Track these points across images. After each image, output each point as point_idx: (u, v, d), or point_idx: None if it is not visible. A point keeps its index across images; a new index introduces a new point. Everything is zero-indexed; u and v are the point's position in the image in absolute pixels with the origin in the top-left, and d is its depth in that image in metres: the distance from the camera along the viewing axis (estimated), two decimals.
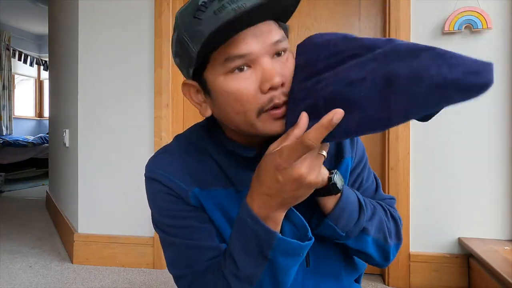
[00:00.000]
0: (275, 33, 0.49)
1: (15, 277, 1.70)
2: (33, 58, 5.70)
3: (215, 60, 0.49)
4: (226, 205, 0.59)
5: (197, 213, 0.59)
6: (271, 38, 0.49)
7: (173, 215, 0.59)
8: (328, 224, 0.55)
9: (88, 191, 1.87)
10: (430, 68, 0.38)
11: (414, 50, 0.41)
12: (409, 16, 1.56)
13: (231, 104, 0.50)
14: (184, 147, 0.62)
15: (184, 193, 0.58)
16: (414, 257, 1.57)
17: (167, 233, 0.60)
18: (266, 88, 0.48)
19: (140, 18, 1.79)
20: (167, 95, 1.75)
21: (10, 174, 4.50)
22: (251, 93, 0.48)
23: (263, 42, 0.48)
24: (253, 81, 0.48)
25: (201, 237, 0.58)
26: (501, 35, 1.50)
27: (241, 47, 0.47)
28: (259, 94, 0.48)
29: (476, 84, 0.36)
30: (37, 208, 3.14)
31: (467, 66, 0.37)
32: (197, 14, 0.48)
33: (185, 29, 0.49)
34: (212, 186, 0.59)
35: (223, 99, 0.50)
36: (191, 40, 0.49)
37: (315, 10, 1.72)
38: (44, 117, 6.17)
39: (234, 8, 0.46)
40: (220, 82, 0.49)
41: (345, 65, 0.46)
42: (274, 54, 0.50)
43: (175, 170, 0.59)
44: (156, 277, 1.70)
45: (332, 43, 0.50)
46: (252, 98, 0.48)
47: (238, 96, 0.49)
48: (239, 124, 0.52)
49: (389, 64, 0.41)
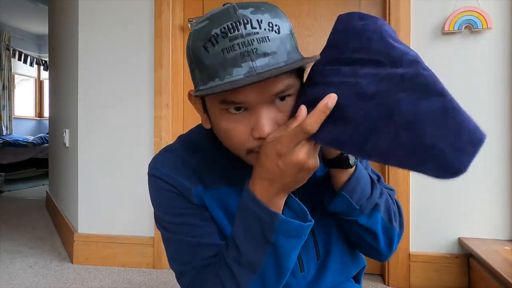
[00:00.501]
0: (280, 84, 0.48)
1: (15, 277, 1.70)
2: (33, 58, 5.70)
3: (214, 97, 0.50)
4: (229, 204, 0.60)
5: (199, 211, 0.59)
6: (272, 91, 0.47)
7: (175, 212, 0.60)
8: (343, 196, 0.56)
9: (88, 191, 1.87)
10: (425, 125, 0.37)
11: (428, 89, 0.39)
12: (409, 16, 1.56)
13: (223, 137, 0.53)
14: (187, 146, 0.63)
15: (187, 191, 0.58)
16: (414, 257, 1.57)
17: (169, 230, 0.61)
18: (255, 136, 0.49)
19: (140, 18, 1.79)
20: (167, 95, 1.75)
21: (10, 174, 4.50)
22: (242, 136, 0.50)
23: (261, 94, 0.47)
24: (246, 124, 0.49)
25: (203, 234, 0.59)
26: (501, 35, 1.50)
27: (238, 96, 0.47)
28: (250, 137, 0.50)
29: (454, 168, 0.36)
30: (37, 208, 3.14)
31: (466, 135, 0.36)
32: (206, 45, 0.47)
33: (193, 52, 0.49)
34: (216, 184, 0.60)
35: (217, 129, 0.53)
36: (197, 66, 0.50)
37: (315, 10, 1.72)
38: (44, 117, 6.17)
39: (242, 52, 0.45)
40: (216, 114, 0.51)
41: (365, 70, 0.46)
42: (274, 101, 0.49)
43: (179, 168, 0.60)
44: (156, 277, 1.70)
45: (366, 36, 0.49)
46: (242, 140, 0.50)
47: (229, 135, 0.51)
48: (231, 150, 0.55)
49: (399, 93, 0.41)
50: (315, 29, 1.72)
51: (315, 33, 1.73)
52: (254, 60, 0.45)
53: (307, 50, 1.73)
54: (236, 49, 0.45)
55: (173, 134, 1.76)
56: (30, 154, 4.75)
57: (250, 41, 0.45)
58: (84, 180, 1.87)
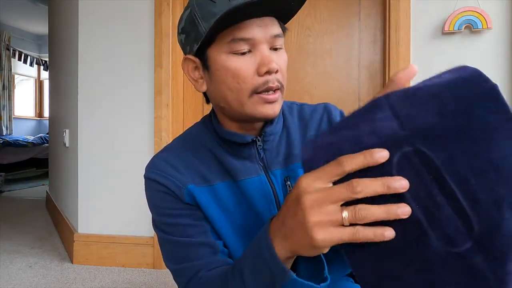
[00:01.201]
0: (276, 28, 0.55)
1: (15, 277, 1.70)
2: (33, 58, 5.70)
3: (221, 39, 0.54)
4: (224, 198, 0.61)
5: (192, 211, 0.60)
6: (272, 31, 0.54)
7: (168, 213, 0.61)
8: None
9: (88, 191, 1.87)
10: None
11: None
12: (409, 16, 1.56)
13: (228, 80, 0.54)
14: (182, 145, 0.65)
15: (179, 190, 0.59)
16: None
17: (164, 231, 0.62)
18: (263, 71, 0.53)
19: (140, 18, 1.79)
20: (167, 95, 1.75)
21: (10, 174, 4.50)
22: (249, 73, 0.53)
23: (265, 32, 0.53)
24: (252, 63, 0.54)
25: (196, 234, 0.60)
26: (501, 35, 1.50)
27: (246, 31, 0.52)
28: (256, 76, 0.53)
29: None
30: (37, 208, 3.14)
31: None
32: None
33: (199, 8, 0.54)
34: (210, 181, 0.61)
35: (221, 75, 0.55)
36: (202, 19, 0.53)
37: (315, 10, 1.72)
38: (44, 117, 6.17)
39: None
40: (222, 59, 0.54)
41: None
42: (271, 46, 0.55)
43: (171, 168, 0.61)
44: (156, 277, 1.70)
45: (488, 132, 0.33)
46: (248, 78, 0.53)
47: (236, 74, 0.54)
48: (230, 101, 0.56)
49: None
50: (315, 29, 1.72)
51: (315, 33, 1.73)
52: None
53: (307, 50, 1.73)
54: None
55: (173, 134, 1.76)
56: (30, 154, 4.75)
57: None
58: (84, 180, 1.87)
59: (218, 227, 0.61)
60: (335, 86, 1.72)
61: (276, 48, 0.56)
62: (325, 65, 1.73)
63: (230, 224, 0.61)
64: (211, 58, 0.56)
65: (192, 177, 0.60)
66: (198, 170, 0.61)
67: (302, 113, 0.69)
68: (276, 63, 0.53)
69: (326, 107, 0.69)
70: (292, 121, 0.67)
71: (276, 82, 0.54)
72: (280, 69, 0.55)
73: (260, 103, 0.54)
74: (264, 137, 0.61)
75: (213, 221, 0.60)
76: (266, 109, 0.55)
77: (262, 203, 0.61)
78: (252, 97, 0.54)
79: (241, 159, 0.61)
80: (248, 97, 0.54)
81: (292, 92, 1.74)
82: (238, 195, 0.61)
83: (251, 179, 0.61)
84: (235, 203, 0.61)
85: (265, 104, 0.54)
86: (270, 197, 0.61)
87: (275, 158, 0.63)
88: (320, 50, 1.73)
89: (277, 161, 0.63)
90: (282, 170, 0.63)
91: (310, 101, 1.73)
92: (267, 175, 0.62)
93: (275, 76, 0.54)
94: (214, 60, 0.55)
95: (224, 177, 0.61)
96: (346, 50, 1.71)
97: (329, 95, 1.72)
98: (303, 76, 1.74)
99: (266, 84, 0.53)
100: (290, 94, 1.73)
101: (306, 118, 0.68)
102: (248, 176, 0.61)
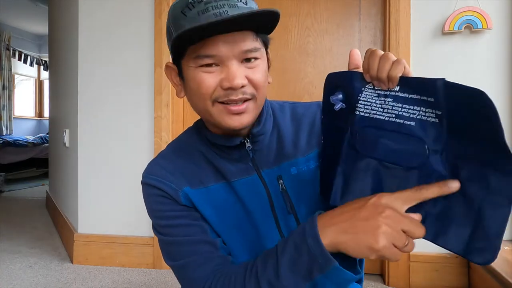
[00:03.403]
0: (248, 43, 0.54)
1: (15, 277, 1.70)
2: (33, 58, 5.69)
3: (189, 54, 0.55)
4: (219, 199, 0.62)
5: (189, 212, 0.62)
6: (242, 47, 0.54)
7: (166, 215, 0.62)
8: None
9: (88, 191, 1.87)
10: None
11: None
12: (409, 16, 1.56)
13: (195, 91, 0.57)
14: (175, 150, 0.67)
15: (175, 193, 0.61)
16: (414, 257, 1.57)
17: (164, 234, 0.63)
18: (225, 87, 0.54)
19: (140, 18, 1.79)
20: (167, 95, 1.75)
21: (10, 174, 4.50)
22: (211, 85, 0.55)
23: (232, 49, 0.53)
24: (216, 76, 0.55)
25: (195, 233, 0.61)
26: (501, 35, 1.50)
27: (210, 48, 0.53)
28: (218, 88, 0.55)
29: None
30: (37, 208, 3.14)
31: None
32: (184, 10, 0.54)
33: (172, 20, 0.56)
34: (205, 183, 0.63)
35: (191, 85, 0.57)
36: (175, 31, 0.55)
37: (315, 10, 1.72)
38: (44, 117, 6.17)
39: (215, 13, 0.52)
40: (191, 71, 0.56)
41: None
42: (242, 59, 0.55)
43: (166, 172, 0.63)
44: (156, 277, 1.70)
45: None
46: (210, 89, 0.55)
47: (200, 85, 0.55)
48: (200, 110, 0.59)
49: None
50: (315, 29, 1.72)
51: (315, 33, 1.73)
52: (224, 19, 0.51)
53: (307, 50, 1.73)
54: (210, 10, 0.52)
55: (173, 134, 1.76)
56: (30, 154, 4.75)
57: (221, 5, 0.52)
58: (84, 180, 1.87)
59: (215, 227, 0.62)
60: None
61: (249, 59, 0.55)
62: (325, 65, 1.73)
63: (226, 224, 0.63)
64: (184, 70, 0.58)
65: (187, 180, 0.62)
66: (192, 173, 0.63)
67: (295, 112, 0.69)
68: (244, 77, 0.54)
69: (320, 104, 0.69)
70: (283, 120, 0.68)
71: (240, 95, 0.54)
72: (252, 82, 0.55)
73: (224, 113, 0.56)
74: (253, 138, 0.62)
75: (210, 221, 0.62)
76: (232, 121, 0.56)
77: (255, 202, 0.63)
78: (215, 105, 0.56)
79: (233, 160, 0.63)
80: (211, 105, 0.56)
81: (292, 92, 1.74)
82: (233, 195, 0.63)
83: (243, 179, 0.63)
84: (229, 203, 0.63)
85: (231, 115, 0.56)
86: (263, 196, 0.63)
87: (266, 158, 0.64)
88: (320, 50, 1.73)
89: (268, 160, 0.64)
90: (274, 169, 0.64)
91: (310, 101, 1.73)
92: (259, 174, 0.63)
93: (242, 90, 0.54)
94: (185, 71, 0.58)
95: (218, 179, 0.63)
96: (346, 50, 1.71)
97: None
98: (303, 76, 1.74)
99: (227, 96, 0.54)
100: (290, 94, 1.73)
101: (299, 116, 0.69)
102: (241, 176, 0.63)
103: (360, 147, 0.51)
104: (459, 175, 0.43)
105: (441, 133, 0.43)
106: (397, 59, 0.46)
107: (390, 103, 0.47)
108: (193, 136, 0.68)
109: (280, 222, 0.63)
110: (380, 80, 0.46)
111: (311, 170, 0.64)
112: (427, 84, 0.42)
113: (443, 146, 0.43)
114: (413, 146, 0.45)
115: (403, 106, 0.46)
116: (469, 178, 0.42)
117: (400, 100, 0.46)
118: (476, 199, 0.42)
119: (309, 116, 0.68)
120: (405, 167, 0.47)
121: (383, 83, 0.46)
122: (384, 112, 0.48)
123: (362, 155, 0.51)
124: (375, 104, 0.48)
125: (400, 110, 0.46)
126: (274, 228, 0.63)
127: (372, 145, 0.49)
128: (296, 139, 0.66)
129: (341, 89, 0.52)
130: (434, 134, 0.43)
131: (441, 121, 0.42)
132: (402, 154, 0.47)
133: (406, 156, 0.46)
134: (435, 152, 0.44)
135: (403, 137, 0.46)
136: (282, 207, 0.63)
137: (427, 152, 0.44)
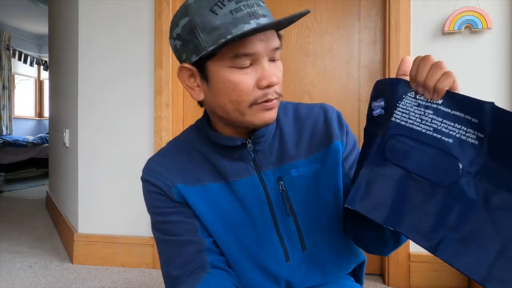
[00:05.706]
0: (276, 41, 0.57)
1: (15, 277, 1.70)
2: (33, 58, 5.70)
3: (224, 54, 0.54)
4: (216, 198, 0.63)
5: (182, 208, 0.63)
6: (273, 44, 0.56)
7: (161, 211, 0.64)
8: None
9: (88, 191, 1.87)
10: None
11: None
12: (409, 16, 1.56)
13: (229, 93, 0.56)
14: (175, 147, 0.68)
15: (169, 189, 0.62)
16: (414, 257, 1.57)
17: (158, 230, 0.65)
18: (263, 85, 0.54)
19: (140, 18, 1.79)
20: (167, 95, 1.75)
21: (10, 174, 4.50)
22: (250, 87, 0.55)
23: (266, 46, 0.55)
24: (252, 77, 0.55)
25: (185, 231, 0.62)
26: (501, 35, 1.50)
27: (249, 47, 0.53)
28: (256, 89, 0.55)
29: None
30: (37, 208, 3.14)
31: None
32: (214, 8, 0.53)
33: (199, 19, 0.53)
34: (203, 181, 0.63)
35: (222, 88, 0.56)
36: (203, 31, 0.53)
37: (315, 10, 1.72)
38: (44, 117, 6.17)
39: (249, 12, 0.52)
40: (224, 72, 0.55)
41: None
42: (270, 58, 0.56)
43: (162, 169, 0.64)
44: (156, 277, 1.70)
45: None
46: (249, 91, 0.55)
47: (237, 87, 0.55)
48: (229, 111, 0.57)
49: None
50: (315, 29, 1.72)
51: (315, 33, 1.73)
52: (258, 18, 0.53)
53: (307, 50, 1.73)
54: (243, 9, 0.52)
55: (173, 134, 1.76)
56: (30, 154, 4.75)
57: (251, 4, 0.53)
58: (84, 180, 1.87)
59: (208, 226, 0.62)
60: (335, 86, 1.72)
61: (274, 60, 0.57)
62: (325, 65, 1.73)
63: (222, 223, 0.62)
64: (211, 71, 0.56)
65: (182, 177, 0.63)
66: (189, 171, 0.64)
67: (298, 113, 0.69)
68: (275, 76, 0.55)
69: (323, 106, 0.69)
70: (286, 120, 0.67)
71: (275, 94, 0.56)
72: (278, 81, 0.57)
73: (260, 111, 0.56)
74: (255, 139, 0.62)
75: (203, 219, 0.62)
76: (265, 116, 0.57)
77: (254, 203, 0.63)
78: (252, 107, 0.56)
79: (234, 160, 0.63)
80: (248, 107, 0.56)
81: (292, 92, 1.74)
82: (231, 195, 0.63)
83: (243, 179, 0.63)
84: (227, 203, 0.63)
85: (265, 111, 0.57)
86: (262, 197, 0.63)
87: (267, 159, 0.64)
88: (320, 50, 1.73)
89: (269, 161, 0.64)
90: (275, 170, 0.64)
91: (310, 101, 1.73)
92: (259, 175, 0.63)
93: (274, 89, 0.56)
94: (215, 72, 0.56)
95: (216, 178, 0.63)
96: (346, 50, 1.71)
97: (329, 95, 1.72)
98: (303, 76, 1.74)
99: (266, 96, 0.55)
100: (290, 94, 1.73)
101: (302, 117, 0.68)
102: (240, 177, 0.63)
103: (390, 154, 0.50)
104: (490, 201, 0.42)
105: (478, 156, 0.42)
106: (448, 71, 0.45)
107: (430, 115, 0.46)
108: (193, 135, 0.68)
109: (279, 224, 0.63)
110: (426, 88, 0.46)
111: (312, 173, 0.63)
112: (474, 104, 0.42)
113: (478, 169, 0.42)
114: (448, 164, 0.44)
115: (443, 121, 0.45)
116: (500, 206, 0.41)
117: (441, 114, 0.45)
118: (505, 229, 0.40)
119: (312, 118, 0.68)
120: (434, 183, 0.46)
121: (427, 91, 0.46)
122: (422, 124, 0.47)
123: (390, 163, 0.50)
124: (414, 114, 0.47)
125: (440, 124, 0.45)
126: (272, 229, 0.63)
127: (403, 155, 0.48)
128: (298, 141, 0.65)
129: (383, 95, 0.52)
130: (471, 156, 0.43)
131: (481, 143, 0.42)
132: (434, 169, 0.46)
133: (438, 173, 0.45)
134: (469, 174, 0.43)
135: (438, 153, 0.45)
136: (281, 209, 0.63)
137: (461, 172, 0.43)
